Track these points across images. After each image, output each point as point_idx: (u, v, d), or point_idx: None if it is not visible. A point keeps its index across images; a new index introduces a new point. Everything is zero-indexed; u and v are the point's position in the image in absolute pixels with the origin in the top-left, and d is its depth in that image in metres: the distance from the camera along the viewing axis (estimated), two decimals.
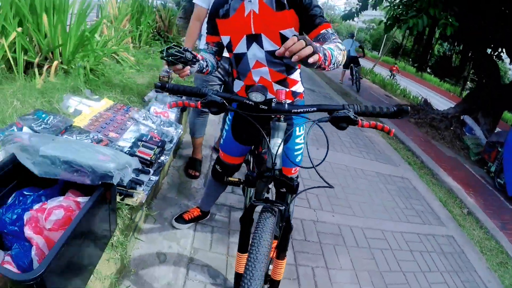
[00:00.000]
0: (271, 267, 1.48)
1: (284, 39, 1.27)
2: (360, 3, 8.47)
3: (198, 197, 2.48)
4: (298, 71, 1.44)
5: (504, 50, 7.94)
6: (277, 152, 1.12)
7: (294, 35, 0.89)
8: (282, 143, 1.13)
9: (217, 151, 3.03)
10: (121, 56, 4.20)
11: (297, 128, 1.49)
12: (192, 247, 2.00)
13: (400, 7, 7.25)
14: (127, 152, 2.33)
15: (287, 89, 1.43)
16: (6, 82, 2.71)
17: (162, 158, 2.48)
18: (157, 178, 2.30)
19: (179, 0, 6.88)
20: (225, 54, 1.52)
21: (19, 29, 2.75)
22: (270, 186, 1.75)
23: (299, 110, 1.09)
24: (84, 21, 3.33)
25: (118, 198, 1.96)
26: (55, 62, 3.07)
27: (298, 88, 1.47)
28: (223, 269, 1.90)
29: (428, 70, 21.33)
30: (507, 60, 9.24)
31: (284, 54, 0.89)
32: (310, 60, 0.89)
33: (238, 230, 2.24)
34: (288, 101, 1.14)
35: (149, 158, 2.32)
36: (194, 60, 1.12)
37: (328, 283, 2.00)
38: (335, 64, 1.06)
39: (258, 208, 1.23)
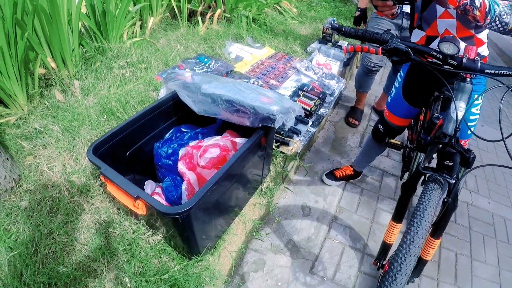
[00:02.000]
0: None
1: None
2: None
3: (351, 155, 2.35)
4: (486, 31, 1.27)
5: None
6: (461, 116, 1.00)
7: None
8: (465, 108, 1.02)
9: (376, 111, 2.87)
10: (284, 7, 4.12)
11: (475, 96, 1.30)
12: (338, 205, 1.94)
13: None
14: None
15: None
16: (170, 28, 2.98)
17: (321, 110, 2.38)
18: (314, 130, 2.21)
19: None
20: None
21: None
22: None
23: (493, 71, 0.96)
24: None
25: (274, 145, 1.94)
26: (218, 11, 3.20)
27: (484, 50, 1.30)
28: (365, 234, 1.82)
29: None
30: None
31: None
32: None
33: (387, 197, 2.10)
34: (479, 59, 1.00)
35: (309, 109, 2.26)
36: None
37: (468, 274, 1.80)
38: (498, 23, 0.97)
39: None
